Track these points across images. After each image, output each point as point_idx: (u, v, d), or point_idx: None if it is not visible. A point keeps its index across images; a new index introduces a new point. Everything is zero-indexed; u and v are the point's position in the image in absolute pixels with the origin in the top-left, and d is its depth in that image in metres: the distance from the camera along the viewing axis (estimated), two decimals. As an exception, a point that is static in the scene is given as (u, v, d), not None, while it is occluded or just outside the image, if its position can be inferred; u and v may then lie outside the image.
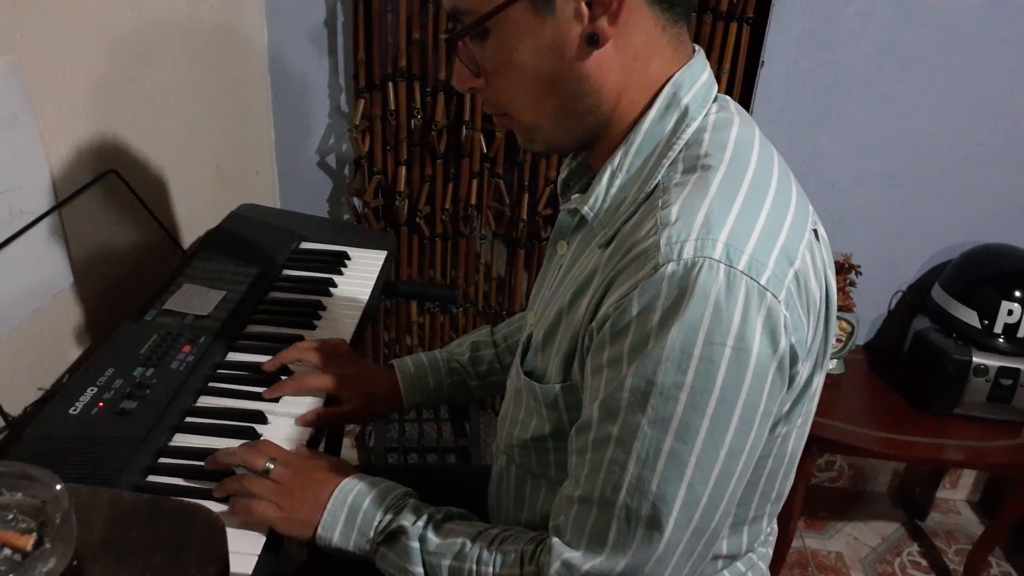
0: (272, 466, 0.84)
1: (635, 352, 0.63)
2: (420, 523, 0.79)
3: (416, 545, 0.77)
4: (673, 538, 0.65)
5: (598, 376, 0.66)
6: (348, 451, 2.06)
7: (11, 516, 0.62)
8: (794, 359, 0.65)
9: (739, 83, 1.65)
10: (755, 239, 0.62)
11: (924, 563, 1.92)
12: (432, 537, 0.77)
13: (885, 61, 1.64)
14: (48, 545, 0.60)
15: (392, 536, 0.79)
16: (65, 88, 1.04)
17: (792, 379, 0.66)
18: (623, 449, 0.64)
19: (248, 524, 0.82)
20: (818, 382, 0.73)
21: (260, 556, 0.79)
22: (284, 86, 1.76)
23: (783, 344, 0.63)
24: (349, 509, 0.81)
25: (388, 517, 0.80)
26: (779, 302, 0.62)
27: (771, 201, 0.66)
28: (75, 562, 0.62)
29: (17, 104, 0.95)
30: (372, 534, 0.80)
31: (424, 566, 0.77)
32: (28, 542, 0.60)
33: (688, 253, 0.61)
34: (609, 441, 0.65)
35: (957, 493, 2.11)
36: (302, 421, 0.97)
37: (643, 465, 0.64)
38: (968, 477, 2.09)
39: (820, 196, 1.04)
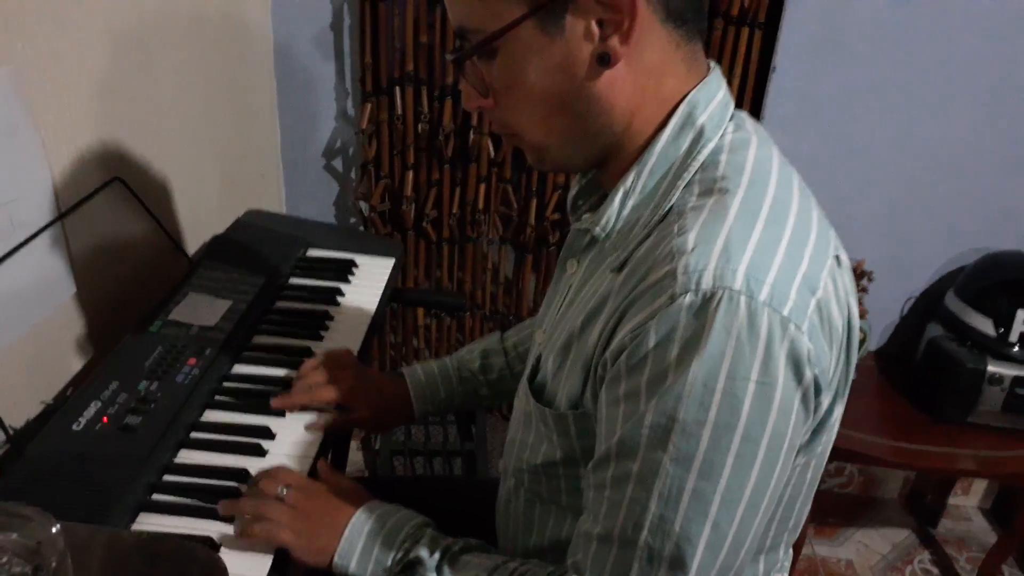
0: (286, 492, 0.83)
1: (654, 387, 0.61)
2: (437, 555, 0.77)
3: None
4: None
5: (614, 409, 0.64)
6: (354, 454, 2.05)
7: (4, 559, 0.59)
8: (818, 390, 0.63)
9: (750, 89, 1.62)
10: (776, 268, 0.60)
11: (936, 571, 1.90)
12: (448, 571, 0.76)
13: (898, 66, 1.61)
14: (42, 591, 0.58)
15: (409, 568, 0.78)
16: (67, 96, 1.03)
17: (815, 410, 0.65)
18: (644, 487, 0.62)
19: (261, 547, 0.80)
20: (838, 412, 0.71)
21: (266, 579, 0.78)
22: (290, 89, 1.75)
23: (808, 376, 0.61)
24: (366, 538, 0.80)
25: (405, 548, 0.79)
26: (802, 333, 0.60)
27: (792, 227, 0.64)
28: (71, 607, 0.60)
29: (17, 114, 0.93)
30: (390, 563, 0.79)
31: None
32: (22, 588, 0.58)
33: (707, 283, 0.59)
34: (629, 478, 0.63)
35: (969, 500, 2.09)
36: (314, 427, 0.97)
37: (665, 504, 0.61)
38: (980, 484, 2.07)
39: (832, 201, 1.02)
